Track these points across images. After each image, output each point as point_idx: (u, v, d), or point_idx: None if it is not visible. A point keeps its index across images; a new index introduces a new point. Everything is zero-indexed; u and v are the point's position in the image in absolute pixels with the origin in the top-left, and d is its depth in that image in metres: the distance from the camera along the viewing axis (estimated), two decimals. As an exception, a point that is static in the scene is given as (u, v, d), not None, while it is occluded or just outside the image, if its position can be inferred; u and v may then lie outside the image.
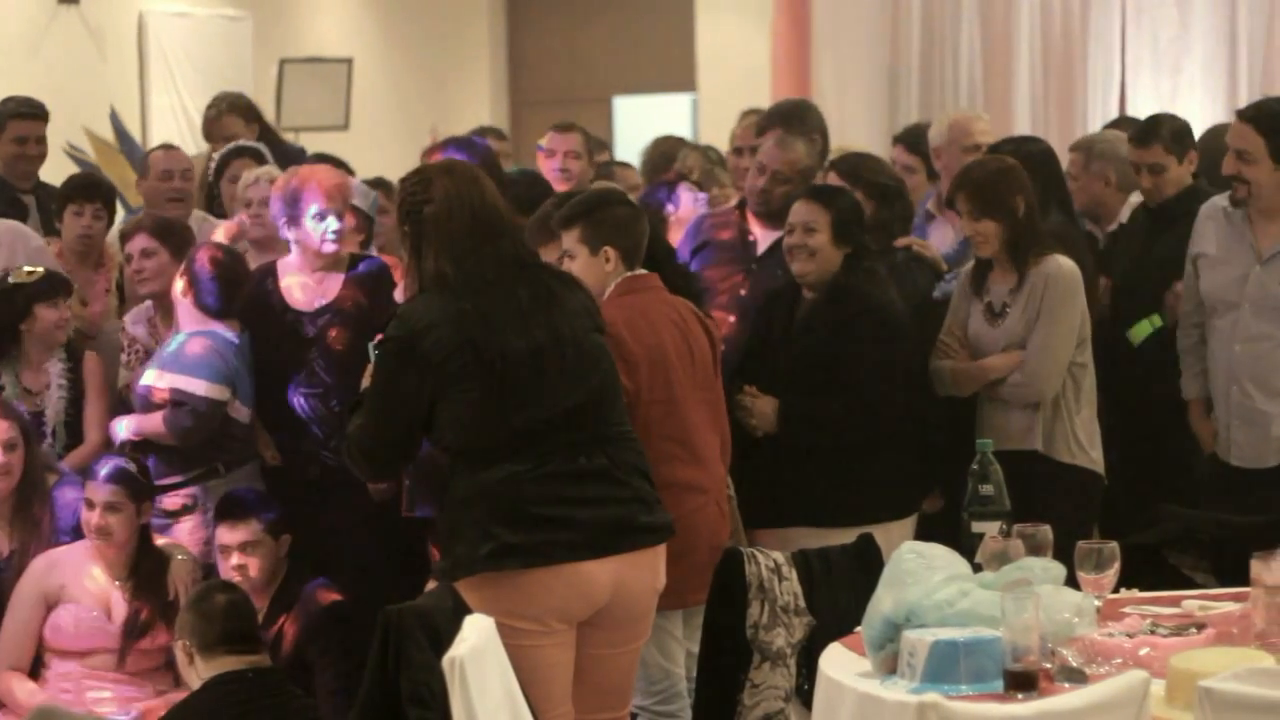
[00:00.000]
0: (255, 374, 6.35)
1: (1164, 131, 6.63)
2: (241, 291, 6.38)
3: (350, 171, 7.37)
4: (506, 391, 4.52)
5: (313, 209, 6.26)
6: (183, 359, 6.27)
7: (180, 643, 5.53)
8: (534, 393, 4.54)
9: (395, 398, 4.60)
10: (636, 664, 4.85)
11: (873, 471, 5.76)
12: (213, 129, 8.81)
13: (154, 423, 6.26)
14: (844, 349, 5.75)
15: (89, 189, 7.07)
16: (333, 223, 6.28)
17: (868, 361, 5.74)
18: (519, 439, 4.52)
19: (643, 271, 5.43)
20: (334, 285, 6.38)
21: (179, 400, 6.21)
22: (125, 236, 6.80)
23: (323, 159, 7.51)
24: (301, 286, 6.40)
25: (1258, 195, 5.95)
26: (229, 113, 8.81)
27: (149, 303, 6.70)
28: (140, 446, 6.27)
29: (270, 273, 6.47)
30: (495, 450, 4.53)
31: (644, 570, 4.65)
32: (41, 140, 7.73)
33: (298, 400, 6.32)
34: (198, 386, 6.23)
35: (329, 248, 6.31)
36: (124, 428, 6.29)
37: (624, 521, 4.59)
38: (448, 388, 4.53)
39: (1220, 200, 6.13)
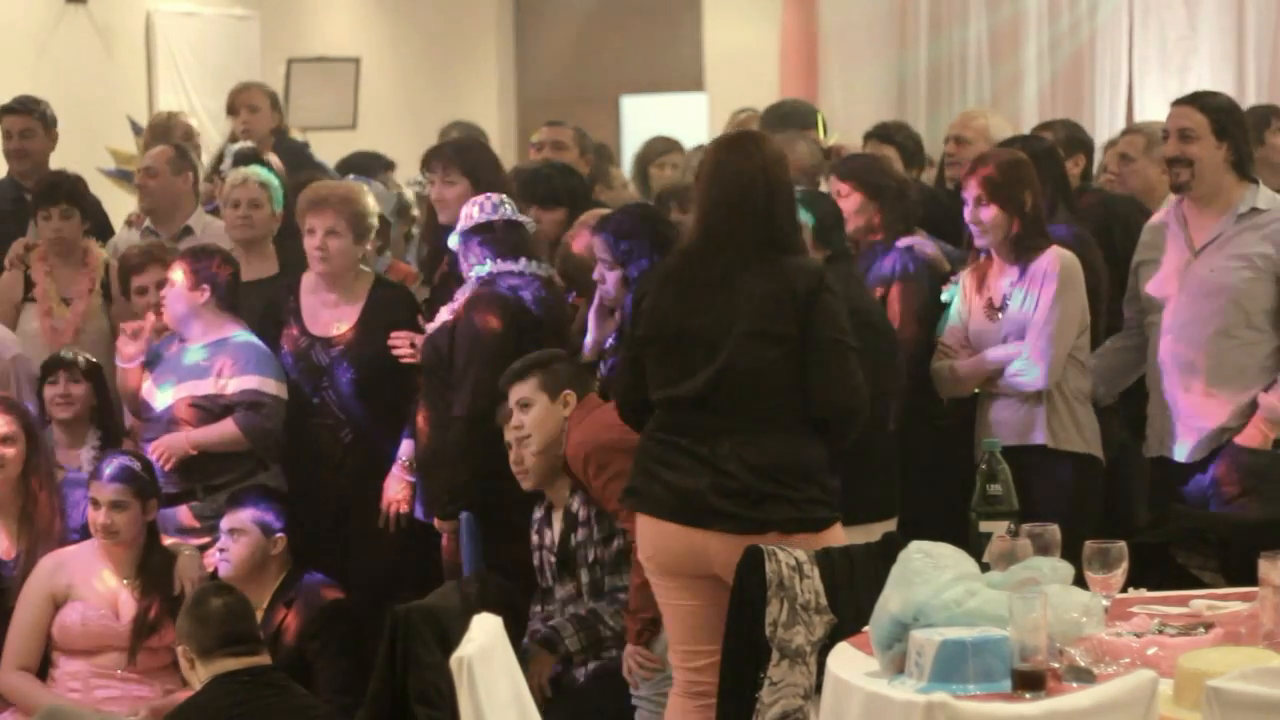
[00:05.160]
0: None
1: None
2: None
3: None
4: (657, 365, 4.97)
5: None
6: (245, 360, 6.27)
7: (180, 648, 5.42)
8: (669, 374, 4.95)
9: (629, 337, 5.14)
10: None
11: (861, 472, 5.74)
12: (237, 99, 8.88)
13: (223, 431, 6.24)
14: None
15: (50, 193, 7.10)
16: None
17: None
18: (659, 405, 4.99)
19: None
20: (352, 311, 6.35)
21: (255, 402, 6.22)
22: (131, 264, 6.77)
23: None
24: (319, 306, 6.39)
25: (1200, 176, 5.89)
26: (255, 87, 8.97)
27: None
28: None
29: (292, 287, 6.46)
30: (652, 409, 5.02)
31: (740, 546, 4.72)
32: (27, 134, 7.73)
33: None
34: (269, 385, 6.25)
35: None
36: (169, 446, 6.24)
37: (700, 500, 4.86)
38: (639, 345, 5.02)
39: (1161, 214, 6.14)
